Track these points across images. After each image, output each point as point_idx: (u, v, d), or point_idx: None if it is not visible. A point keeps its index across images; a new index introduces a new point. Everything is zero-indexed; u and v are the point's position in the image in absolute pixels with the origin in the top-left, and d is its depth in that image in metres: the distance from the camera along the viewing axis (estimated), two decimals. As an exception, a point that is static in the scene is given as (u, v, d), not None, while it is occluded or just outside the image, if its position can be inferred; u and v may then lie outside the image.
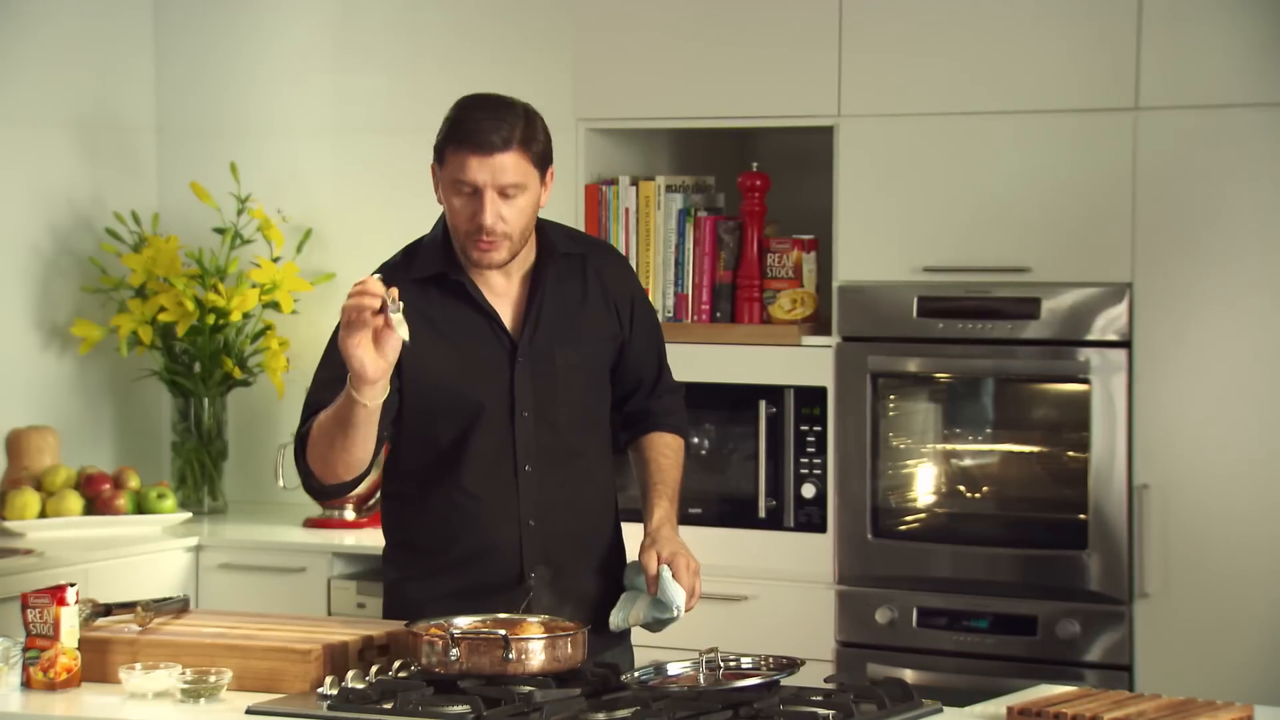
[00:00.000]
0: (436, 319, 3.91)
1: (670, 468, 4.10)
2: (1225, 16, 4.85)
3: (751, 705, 3.42)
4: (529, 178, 3.83)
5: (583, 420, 4.00)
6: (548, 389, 3.94)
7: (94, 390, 6.44)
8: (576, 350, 3.97)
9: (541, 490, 3.93)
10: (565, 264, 3.99)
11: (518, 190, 3.83)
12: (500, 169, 3.80)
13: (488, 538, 3.93)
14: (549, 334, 3.95)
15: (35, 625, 3.68)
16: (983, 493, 5.20)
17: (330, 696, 3.52)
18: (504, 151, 3.81)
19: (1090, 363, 4.96)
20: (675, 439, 4.13)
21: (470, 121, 3.84)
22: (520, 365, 3.93)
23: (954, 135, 5.10)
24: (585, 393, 3.99)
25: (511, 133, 3.82)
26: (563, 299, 3.97)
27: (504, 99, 3.92)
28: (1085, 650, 4.96)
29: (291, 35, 6.46)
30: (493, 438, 3.92)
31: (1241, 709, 3.43)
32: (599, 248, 4.12)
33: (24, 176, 6.24)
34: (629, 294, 4.05)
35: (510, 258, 3.89)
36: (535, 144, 3.85)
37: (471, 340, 3.92)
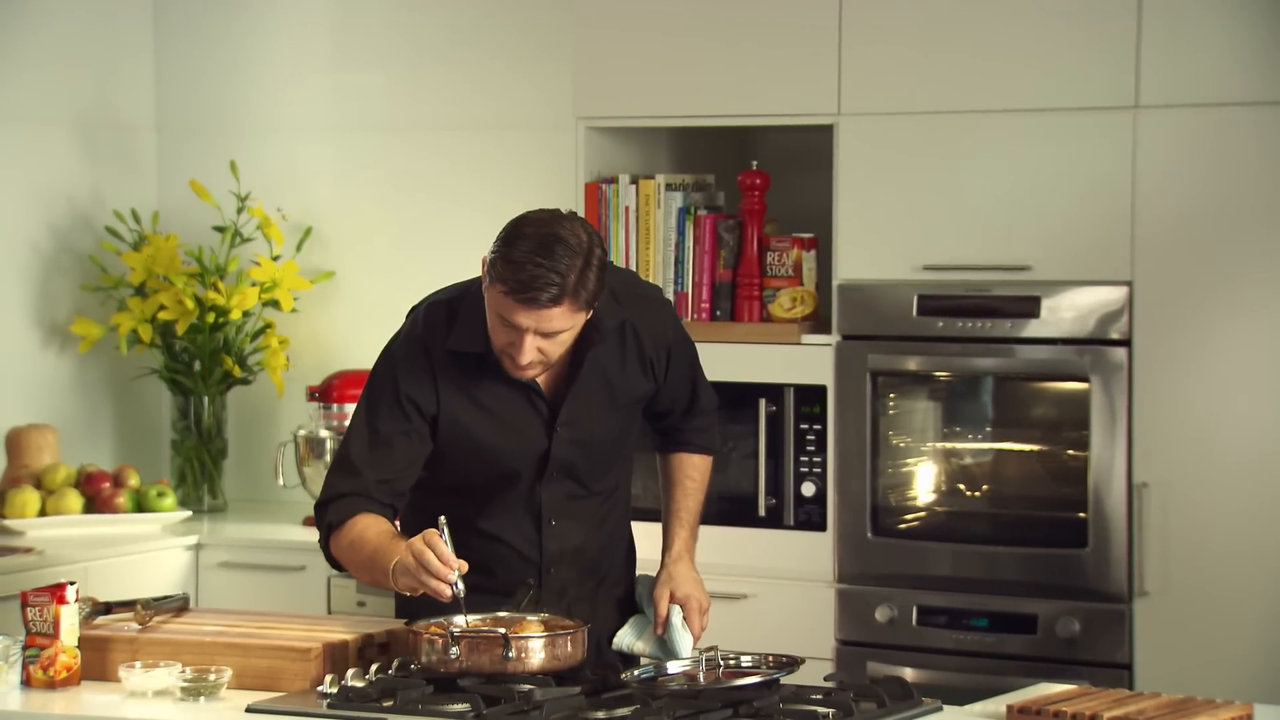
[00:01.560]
0: (474, 387, 3.84)
1: (694, 491, 4.12)
2: (1225, 15, 4.85)
3: (751, 704, 3.42)
4: (574, 321, 3.72)
5: (610, 466, 4.01)
6: (584, 454, 3.93)
7: (94, 388, 6.43)
8: (614, 415, 3.94)
9: (563, 540, 3.94)
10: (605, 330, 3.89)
11: (561, 335, 3.74)
12: (546, 319, 3.68)
13: (505, 581, 3.89)
14: (588, 404, 3.90)
15: (35, 623, 3.68)
16: (982, 491, 5.20)
17: (330, 695, 3.53)
18: (552, 307, 3.67)
19: (1090, 361, 4.96)
20: (703, 460, 4.14)
21: (523, 272, 3.63)
22: (558, 435, 3.89)
23: (954, 134, 5.10)
24: (618, 451, 4.01)
25: (563, 288, 3.65)
26: (602, 367, 3.90)
27: (565, 237, 3.67)
28: (1085, 649, 4.96)
29: (291, 34, 6.46)
30: (520, 496, 3.92)
31: (1241, 707, 3.43)
32: (638, 304, 3.96)
33: (24, 175, 6.24)
34: (665, 344, 3.98)
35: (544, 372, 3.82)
36: (585, 291, 3.68)
37: (510, 410, 3.86)
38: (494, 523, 3.91)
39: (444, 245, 6.08)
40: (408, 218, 6.26)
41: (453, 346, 3.83)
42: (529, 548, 3.93)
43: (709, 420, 4.15)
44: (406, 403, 3.82)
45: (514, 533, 3.92)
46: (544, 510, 3.92)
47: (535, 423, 3.87)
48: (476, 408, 3.84)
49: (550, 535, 3.93)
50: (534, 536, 3.92)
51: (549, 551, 3.93)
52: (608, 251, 3.80)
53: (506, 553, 3.91)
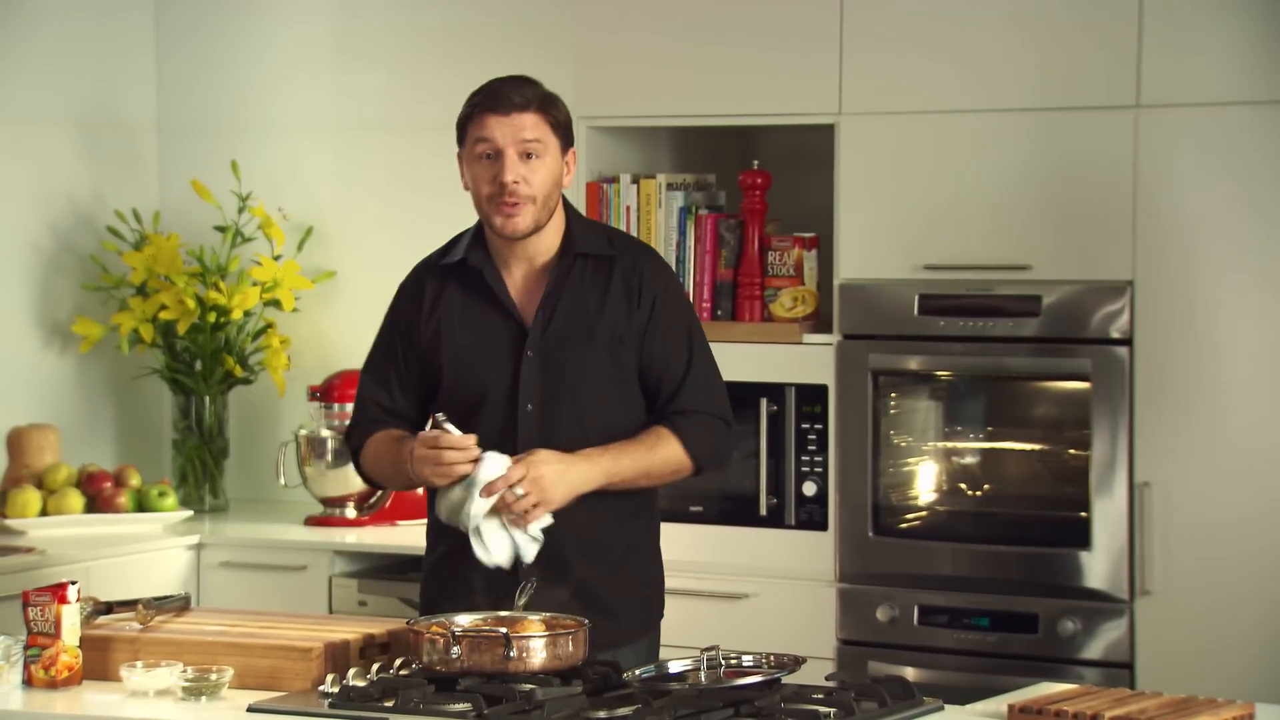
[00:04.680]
0: (457, 305, 4.02)
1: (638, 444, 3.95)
2: (1226, 14, 4.85)
3: (752, 703, 3.42)
4: (549, 140, 3.96)
5: (595, 427, 3.96)
6: (555, 385, 3.95)
7: (95, 388, 6.44)
8: (589, 351, 3.96)
9: None
10: (591, 264, 4.00)
11: (539, 149, 3.94)
12: (520, 127, 3.94)
13: None
14: (563, 331, 3.96)
15: (36, 623, 3.69)
16: (984, 491, 5.20)
17: (331, 694, 3.53)
18: (524, 111, 3.94)
19: (1091, 360, 4.95)
20: (669, 435, 3.98)
21: (491, 88, 4.00)
22: (528, 358, 3.95)
23: (955, 133, 5.10)
24: (599, 399, 3.97)
25: (532, 95, 3.96)
26: (582, 299, 3.98)
27: (528, 77, 4.04)
28: (1086, 648, 4.96)
29: (292, 33, 6.46)
30: (495, 428, 3.94)
31: (1242, 707, 3.43)
32: (632, 249, 4.07)
33: (25, 174, 6.24)
34: (653, 291, 4.00)
35: (534, 225, 3.95)
36: (556, 111, 3.99)
37: (485, 328, 4.00)
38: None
39: (445, 245, 6.07)
40: (409, 217, 6.25)
41: (444, 260, 4.07)
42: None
43: (706, 424, 4.03)
44: (402, 331, 4.07)
45: None
46: (519, 446, 3.90)
47: (508, 345, 3.98)
48: (458, 325, 4.02)
49: None
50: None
51: None
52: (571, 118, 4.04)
53: None
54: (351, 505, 6.00)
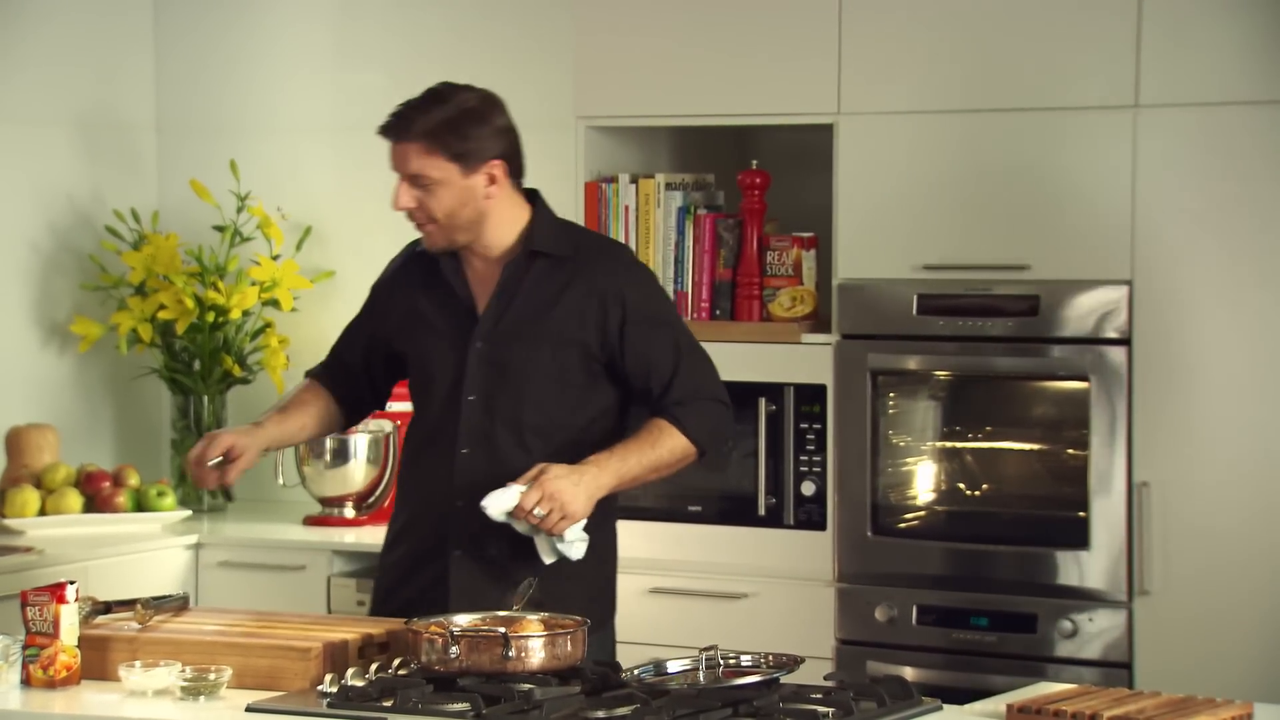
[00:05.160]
0: (420, 290, 4.11)
1: (644, 441, 4.01)
2: (1225, 14, 4.85)
3: (751, 703, 3.42)
4: (437, 170, 3.96)
5: (533, 425, 4.02)
6: (499, 379, 4.02)
7: (94, 388, 6.43)
8: (537, 349, 4.01)
9: (478, 474, 3.98)
10: (550, 264, 4.04)
11: (424, 180, 3.97)
12: (401, 158, 3.99)
13: (422, 507, 4.09)
14: (512, 327, 4.02)
15: (35, 623, 3.68)
16: (982, 490, 5.20)
17: (330, 694, 3.53)
18: (403, 142, 3.97)
19: (1090, 360, 4.96)
20: (669, 426, 4.03)
21: (396, 108, 4.02)
22: (476, 349, 4.01)
23: (954, 133, 5.10)
24: (541, 398, 4.02)
25: (414, 124, 3.96)
26: (537, 297, 4.03)
27: (448, 91, 4.04)
28: (1085, 648, 4.96)
29: (291, 33, 6.46)
30: (441, 413, 4.04)
31: (1241, 706, 3.43)
32: (594, 250, 4.10)
33: (24, 174, 6.24)
34: (620, 296, 4.03)
35: (448, 244, 4.03)
36: (445, 139, 3.95)
37: (441, 316, 4.08)
38: (420, 448, 4.10)
39: (444, 244, 6.07)
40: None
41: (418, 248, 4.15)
42: (442, 477, 4.02)
43: (704, 409, 4.06)
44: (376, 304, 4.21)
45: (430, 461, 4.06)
46: (459, 435, 4.00)
47: (459, 334, 4.04)
48: (418, 311, 4.10)
49: (462, 463, 4.01)
50: (449, 461, 4.03)
51: (460, 482, 4.00)
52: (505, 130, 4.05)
53: (422, 482, 4.08)
54: (350, 505, 6.00)
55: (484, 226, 4.02)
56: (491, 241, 4.04)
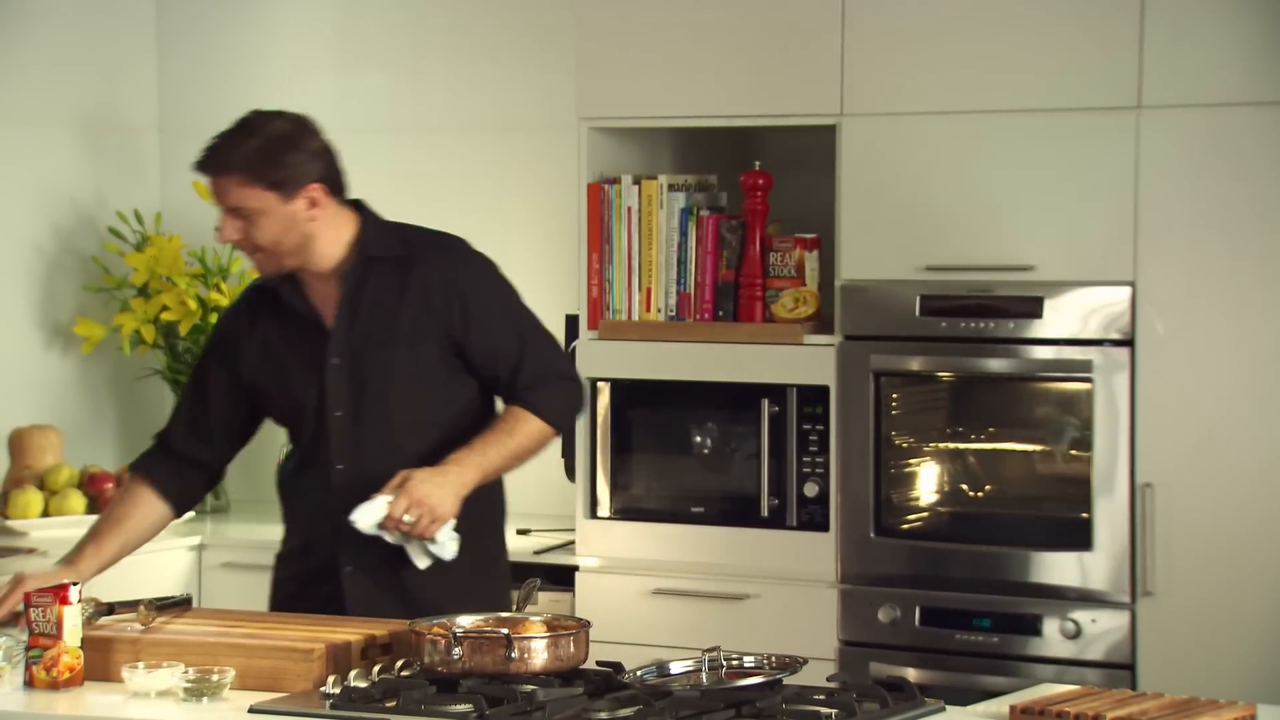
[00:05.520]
0: (270, 325, 4.12)
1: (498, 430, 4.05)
2: (1228, 15, 4.84)
3: (754, 704, 3.42)
4: (257, 201, 3.98)
5: (410, 420, 4.06)
6: (361, 389, 4.04)
7: (96, 389, 6.44)
8: (392, 353, 4.04)
9: (357, 487, 4.00)
10: (386, 266, 4.07)
11: (247, 212, 3.99)
12: (220, 191, 4.01)
13: (305, 532, 4.14)
14: (366, 334, 4.04)
15: (38, 624, 3.68)
16: (985, 491, 5.20)
17: (333, 695, 3.53)
18: (219, 176, 3.99)
19: (1093, 361, 4.95)
20: (525, 412, 4.08)
21: (209, 141, 4.01)
22: (332, 366, 4.04)
23: (957, 134, 5.10)
24: (411, 394, 4.05)
25: (227, 159, 3.97)
26: (381, 303, 4.06)
27: (254, 119, 4.04)
28: (1088, 649, 4.96)
29: (294, 34, 6.46)
30: (310, 436, 4.08)
31: (1244, 708, 3.43)
32: (428, 247, 4.13)
33: (27, 175, 6.24)
34: (459, 291, 4.07)
35: (278, 268, 4.05)
36: (254, 169, 3.97)
37: (292, 343, 4.10)
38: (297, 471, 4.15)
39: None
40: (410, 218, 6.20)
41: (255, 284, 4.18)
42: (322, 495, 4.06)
43: (549, 388, 4.11)
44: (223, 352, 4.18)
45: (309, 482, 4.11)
46: (331, 453, 4.05)
47: (315, 356, 4.06)
48: (270, 343, 4.11)
49: (339, 479, 4.05)
50: (326, 479, 4.07)
51: (340, 497, 4.01)
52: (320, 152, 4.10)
53: (304, 504, 4.14)
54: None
55: (311, 248, 4.04)
56: (321, 260, 4.06)
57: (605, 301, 5.46)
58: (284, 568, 4.24)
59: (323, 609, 4.05)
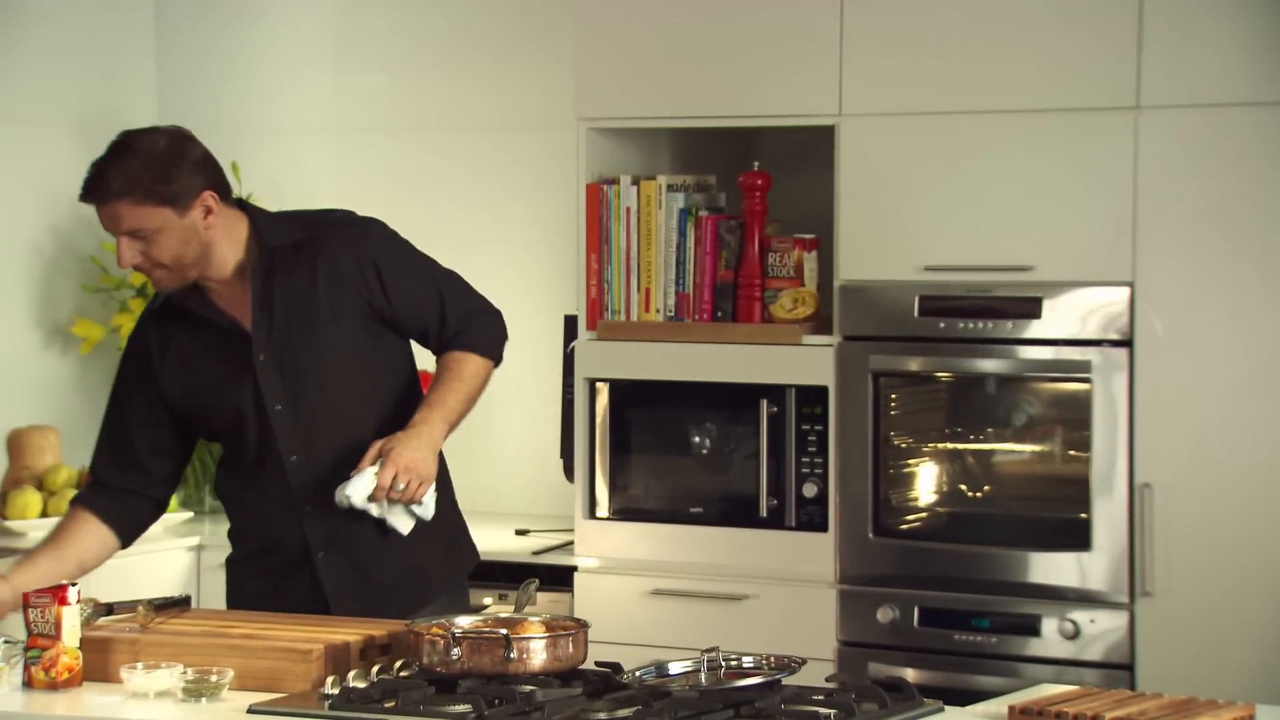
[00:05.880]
0: (183, 342, 4.09)
1: (447, 378, 4.10)
2: (1226, 15, 4.85)
3: (753, 705, 3.42)
4: (152, 219, 3.95)
5: (352, 396, 4.08)
6: (295, 377, 4.05)
7: (95, 390, 6.43)
8: (317, 335, 4.05)
9: (315, 475, 4.03)
10: (290, 253, 4.07)
11: (145, 232, 3.96)
12: (112, 218, 3.97)
13: (270, 529, 4.11)
14: (285, 325, 4.04)
15: (37, 625, 3.69)
16: (984, 492, 5.20)
17: (332, 696, 3.52)
18: (110, 203, 3.95)
19: (1092, 362, 4.95)
20: (463, 353, 4.13)
21: (90, 171, 3.97)
22: (261, 363, 4.04)
23: (955, 134, 5.10)
24: (345, 371, 4.07)
25: (112, 183, 3.93)
26: (294, 287, 4.05)
27: (130, 140, 3.99)
28: (1087, 650, 4.96)
29: (293, 34, 6.46)
30: (256, 436, 4.06)
31: (1243, 708, 3.43)
32: (327, 227, 4.13)
33: (26, 175, 6.24)
34: (370, 260, 4.08)
35: (182, 280, 4.03)
36: (149, 186, 3.93)
37: (214, 352, 4.08)
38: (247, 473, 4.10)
39: (445, 246, 6.02)
40: (409, 218, 6.19)
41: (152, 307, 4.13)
42: (282, 491, 4.06)
43: (476, 325, 4.15)
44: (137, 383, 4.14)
45: (264, 480, 4.08)
46: (281, 446, 4.04)
47: (241, 357, 4.04)
48: (184, 359, 4.08)
49: (296, 470, 4.05)
50: (281, 474, 4.05)
51: (300, 488, 4.04)
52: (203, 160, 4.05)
53: (264, 502, 4.09)
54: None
55: (212, 255, 4.03)
56: (224, 265, 4.05)
57: (604, 302, 5.46)
58: (244, 569, 4.21)
59: (302, 600, 4.05)
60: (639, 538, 5.39)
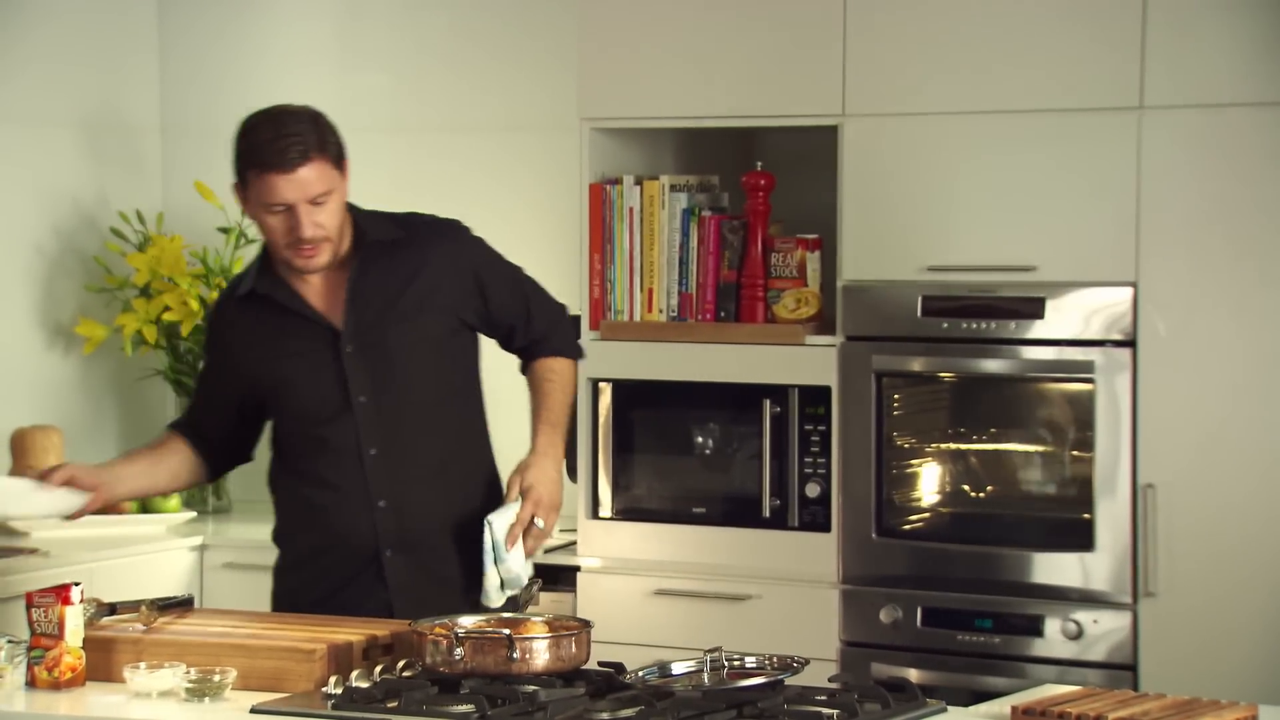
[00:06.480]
0: (267, 330, 4.11)
1: (554, 391, 4.18)
2: (1229, 16, 4.84)
3: (756, 705, 3.42)
4: (332, 181, 3.99)
5: (433, 395, 4.10)
6: (383, 371, 4.06)
7: (98, 390, 6.44)
8: (408, 328, 4.07)
9: (391, 471, 4.05)
10: (385, 249, 4.10)
11: (326, 196, 3.98)
12: (306, 183, 3.96)
13: (341, 524, 4.09)
14: (376, 317, 4.06)
15: (40, 624, 3.69)
16: (987, 492, 5.20)
17: (335, 696, 3.53)
18: (305, 165, 3.95)
19: (1095, 362, 4.95)
20: (559, 361, 4.22)
21: (265, 144, 3.97)
22: (349, 354, 4.05)
23: (959, 134, 5.10)
24: (429, 368, 4.09)
25: (307, 144, 3.96)
26: (386, 282, 4.08)
27: (287, 111, 4.03)
28: (1090, 650, 4.96)
29: (295, 34, 6.46)
30: (336, 428, 4.07)
31: (1246, 708, 3.43)
32: (425, 229, 4.18)
33: (29, 176, 6.24)
34: (471, 265, 4.15)
35: (334, 258, 4.05)
36: (330, 147, 4.00)
37: (300, 340, 4.09)
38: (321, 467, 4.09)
39: (448, 246, 6.08)
40: (412, 218, 6.25)
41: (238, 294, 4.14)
42: (357, 485, 4.06)
43: (559, 329, 4.25)
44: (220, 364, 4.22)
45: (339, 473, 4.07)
46: (361, 440, 4.06)
47: (326, 348, 4.06)
48: (268, 347, 4.10)
49: (374, 465, 4.05)
50: (358, 468, 4.06)
51: (375, 483, 4.05)
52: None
53: (337, 496, 4.08)
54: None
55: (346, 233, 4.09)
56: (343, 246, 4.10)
57: (607, 302, 5.46)
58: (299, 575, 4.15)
59: (364, 600, 4.03)
60: (642, 538, 5.39)
